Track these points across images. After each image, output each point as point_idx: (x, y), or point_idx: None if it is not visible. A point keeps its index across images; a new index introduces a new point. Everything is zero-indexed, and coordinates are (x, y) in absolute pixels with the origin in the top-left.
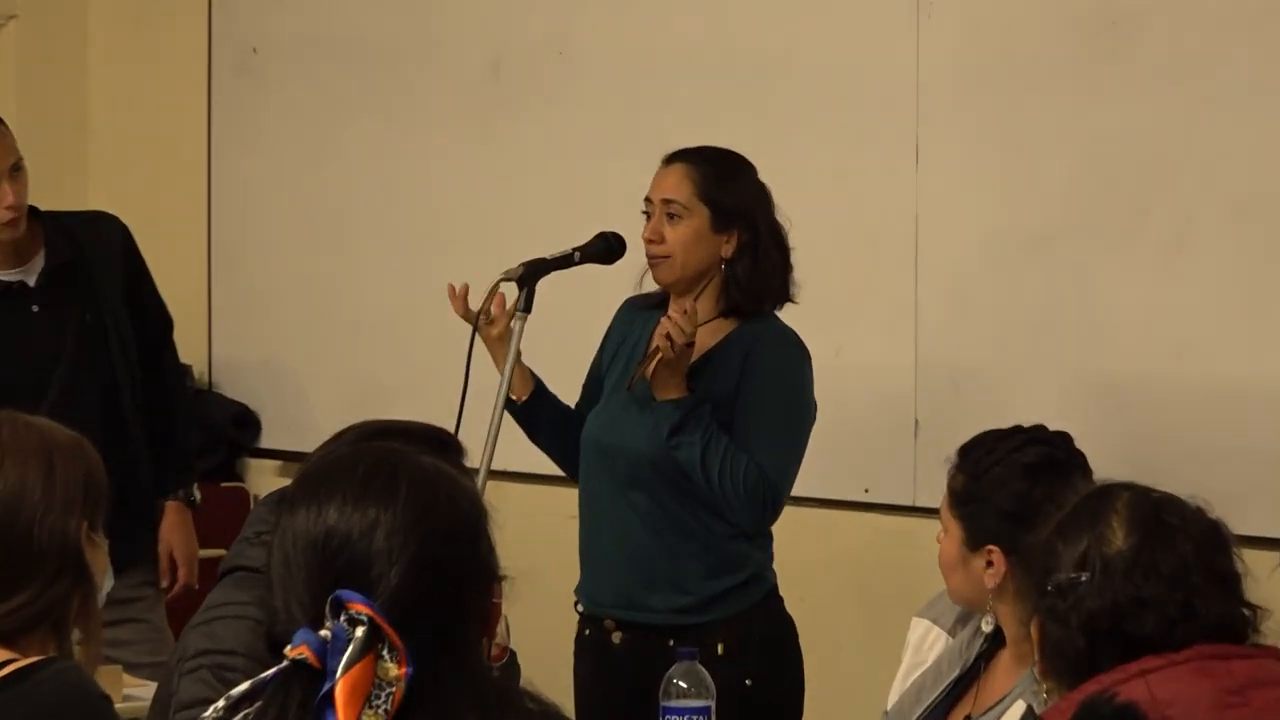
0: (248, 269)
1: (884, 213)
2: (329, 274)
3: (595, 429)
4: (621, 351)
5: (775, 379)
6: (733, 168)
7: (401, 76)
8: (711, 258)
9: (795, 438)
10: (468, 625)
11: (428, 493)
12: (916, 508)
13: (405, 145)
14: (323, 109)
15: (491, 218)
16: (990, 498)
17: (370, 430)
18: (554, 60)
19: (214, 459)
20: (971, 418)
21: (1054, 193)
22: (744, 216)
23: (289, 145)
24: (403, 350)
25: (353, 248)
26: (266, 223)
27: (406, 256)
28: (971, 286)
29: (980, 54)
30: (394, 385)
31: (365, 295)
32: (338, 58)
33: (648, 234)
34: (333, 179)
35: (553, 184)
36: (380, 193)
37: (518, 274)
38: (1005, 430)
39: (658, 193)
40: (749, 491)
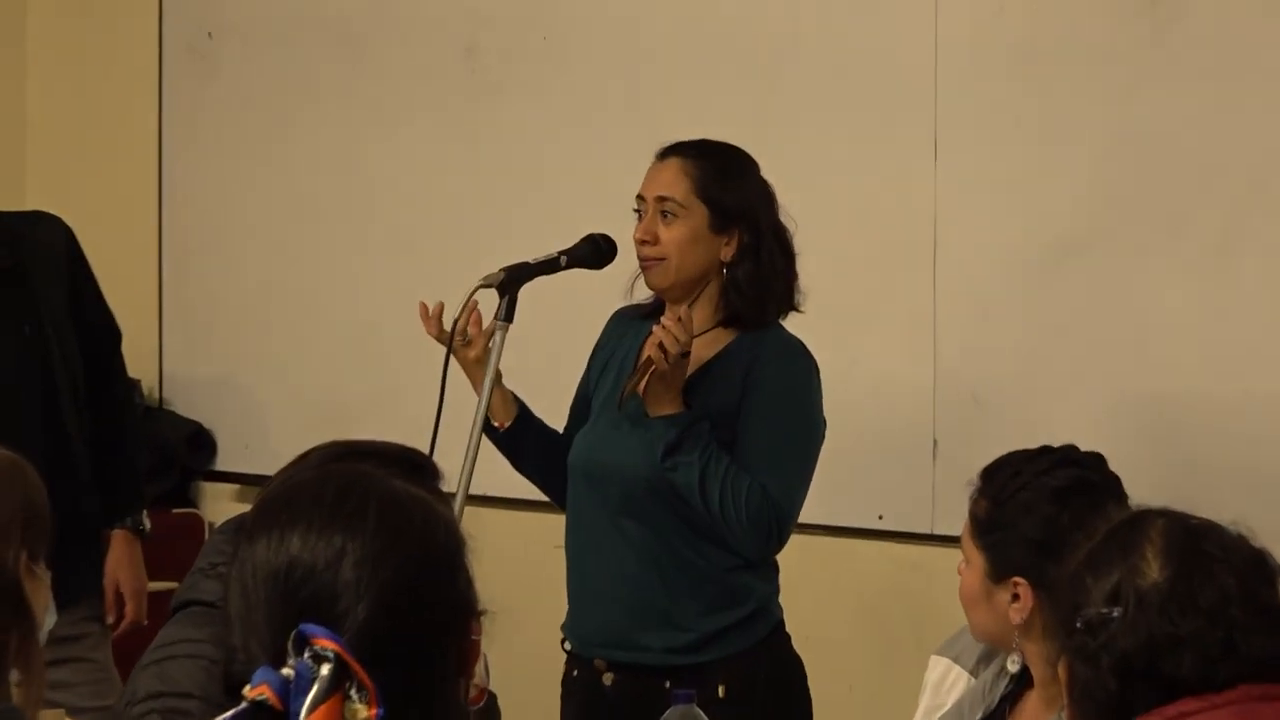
0: (203, 275)
1: (899, 213)
2: (292, 280)
3: (583, 450)
4: (611, 366)
5: (781, 393)
6: (733, 163)
7: (369, 63)
8: (709, 261)
9: (803, 458)
10: (444, 664)
11: (400, 519)
12: (935, 536)
13: (374, 139)
14: (284, 99)
15: (468, 219)
16: (1016, 525)
17: (337, 451)
18: (535, 45)
19: (165, 483)
20: (995, 437)
21: (1086, 192)
22: (745, 216)
23: (247, 139)
24: (373, 364)
25: (318, 252)
26: (223, 224)
27: (376, 261)
28: (995, 294)
29: (1005, 39)
30: (363, 402)
31: (331, 304)
32: (300, 43)
33: (640, 234)
34: (296, 176)
35: (535, 181)
36: (347, 191)
37: (498, 280)
38: (1032, 451)
39: (651, 189)
40: (752, 517)
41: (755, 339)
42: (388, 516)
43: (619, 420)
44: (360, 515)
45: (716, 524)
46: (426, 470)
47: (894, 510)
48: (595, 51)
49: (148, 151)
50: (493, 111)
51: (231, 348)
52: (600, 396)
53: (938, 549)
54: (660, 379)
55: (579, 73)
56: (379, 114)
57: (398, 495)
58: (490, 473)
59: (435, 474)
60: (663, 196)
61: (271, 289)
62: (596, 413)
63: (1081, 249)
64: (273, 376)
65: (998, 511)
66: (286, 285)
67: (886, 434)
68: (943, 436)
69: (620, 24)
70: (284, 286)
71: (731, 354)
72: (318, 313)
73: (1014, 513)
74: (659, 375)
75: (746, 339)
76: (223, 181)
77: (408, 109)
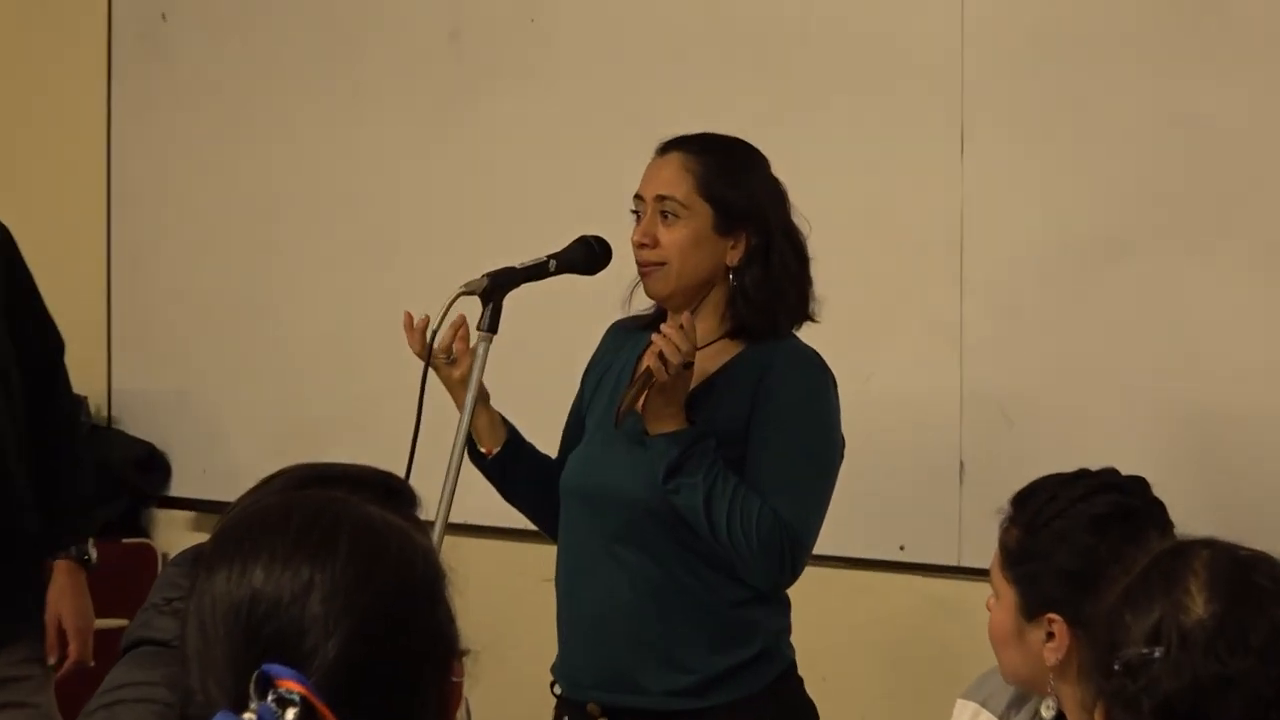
0: (155, 280)
1: (922, 212)
2: (256, 287)
3: (576, 471)
4: (606, 381)
5: (795, 408)
6: (740, 159)
7: (341, 48)
8: (714, 265)
9: (819, 480)
10: (421, 708)
11: (374, 549)
12: (962, 568)
13: (346, 132)
14: (247, 88)
15: (450, 219)
16: (1051, 556)
17: (305, 475)
18: (524, 29)
19: (114, 509)
20: (1028, 459)
21: (1128, 188)
22: (753, 217)
23: (206, 132)
24: (344, 379)
25: (284, 255)
26: (179, 225)
27: (349, 266)
28: (1028, 300)
29: (1038, 21)
30: (333, 422)
31: (299, 313)
32: (264, 26)
33: (638, 236)
34: (260, 173)
35: (523, 178)
36: (317, 189)
37: (480, 287)
38: (1069, 475)
39: (651, 188)
40: (763, 544)
41: (765, 350)
42: (360, 546)
43: (615, 438)
44: (330, 544)
45: (724, 551)
46: (403, 496)
47: (916, 540)
48: (589, 36)
49: (95, 145)
50: (477, 101)
51: (188, 361)
52: (595, 413)
53: (964, 583)
54: (661, 392)
55: (571, 59)
56: (352, 104)
57: (371, 523)
58: (473, 499)
59: (412, 500)
60: (663, 195)
61: (233, 296)
62: (591, 431)
63: (1123, 250)
64: (233, 393)
65: (1031, 541)
66: (249, 292)
67: (908, 455)
68: (970, 458)
69: (616, 5)
70: (247, 293)
71: (739, 366)
72: (284, 322)
73: (1048, 543)
74: (659, 388)
75: (756, 350)
76: (178, 178)
77: (384, 98)
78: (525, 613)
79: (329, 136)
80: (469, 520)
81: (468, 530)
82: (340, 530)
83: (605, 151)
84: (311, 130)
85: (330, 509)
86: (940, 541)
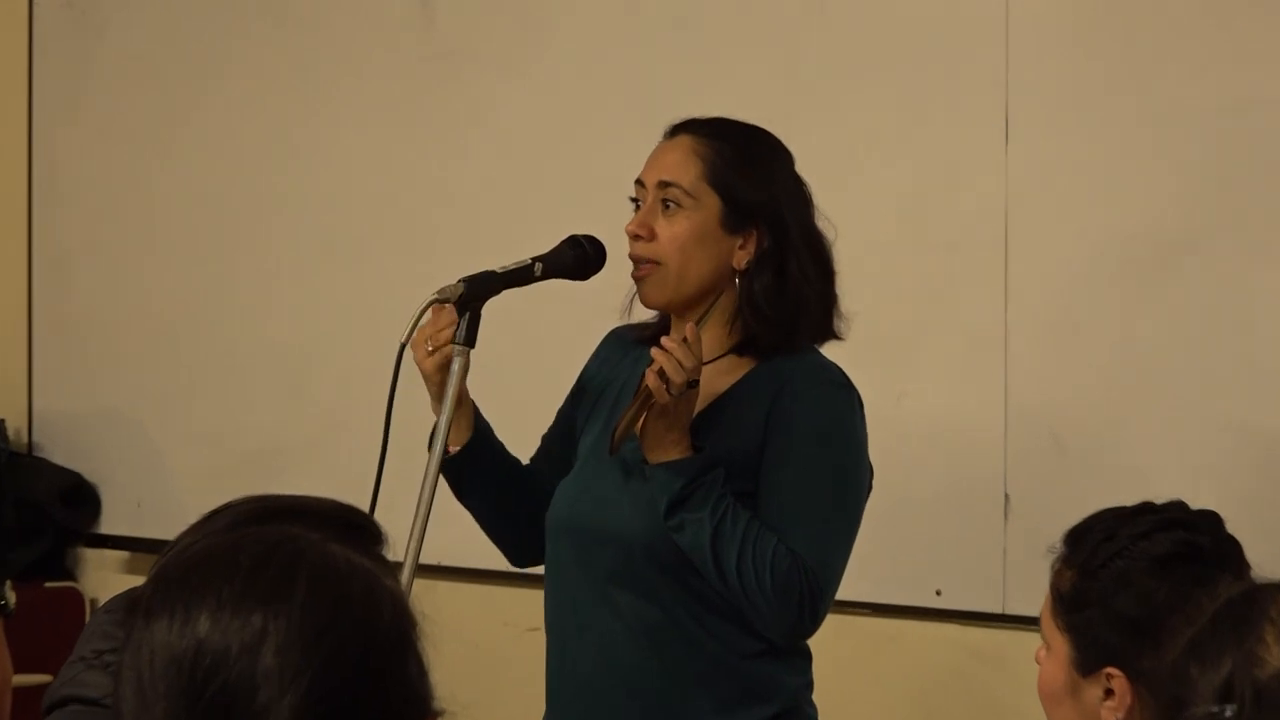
0: (83, 288)
1: (961, 209)
2: (196, 295)
3: (565, 505)
4: (604, 402)
5: (815, 433)
6: (759, 149)
7: (294, 23)
8: (718, 267)
9: (843, 515)
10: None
11: (335, 594)
12: (1006, 616)
13: (301, 116)
14: (186, 69)
15: (419, 216)
16: (1110, 602)
17: (255, 509)
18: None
19: (36, 549)
20: (1083, 490)
21: (1194, 182)
22: (767, 213)
23: (139, 120)
24: (298, 399)
25: (229, 259)
26: (109, 225)
27: (303, 270)
28: (1082, 309)
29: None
30: (286, 447)
31: (246, 324)
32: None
33: (632, 226)
34: (201, 166)
35: (505, 168)
36: (267, 183)
37: (456, 294)
38: (1130, 509)
39: (653, 173)
40: (780, 589)
41: (780, 367)
42: (320, 590)
43: (610, 468)
44: (285, 588)
45: (734, 597)
46: (367, 532)
47: (955, 584)
48: (582, 5)
49: (14, 135)
50: (452, 80)
51: (119, 379)
52: (590, 438)
53: (1010, 632)
54: (662, 415)
55: (559, 35)
56: (309, 84)
57: (332, 563)
58: (448, 537)
59: (378, 537)
60: (666, 182)
61: (171, 306)
62: (583, 458)
63: (1187, 252)
64: (172, 415)
65: (1087, 585)
66: (190, 301)
67: (945, 486)
68: (1016, 490)
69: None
70: (187, 303)
71: (751, 385)
72: (230, 336)
73: (1107, 587)
74: (660, 411)
75: (769, 368)
76: (108, 171)
77: (345, 77)
78: (509, 667)
79: (281, 122)
80: (444, 561)
81: (443, 572)
82: (297, 572)
83: (599, 138)
84: (261, 115)
85: (285, 547)
86: (982, 585)
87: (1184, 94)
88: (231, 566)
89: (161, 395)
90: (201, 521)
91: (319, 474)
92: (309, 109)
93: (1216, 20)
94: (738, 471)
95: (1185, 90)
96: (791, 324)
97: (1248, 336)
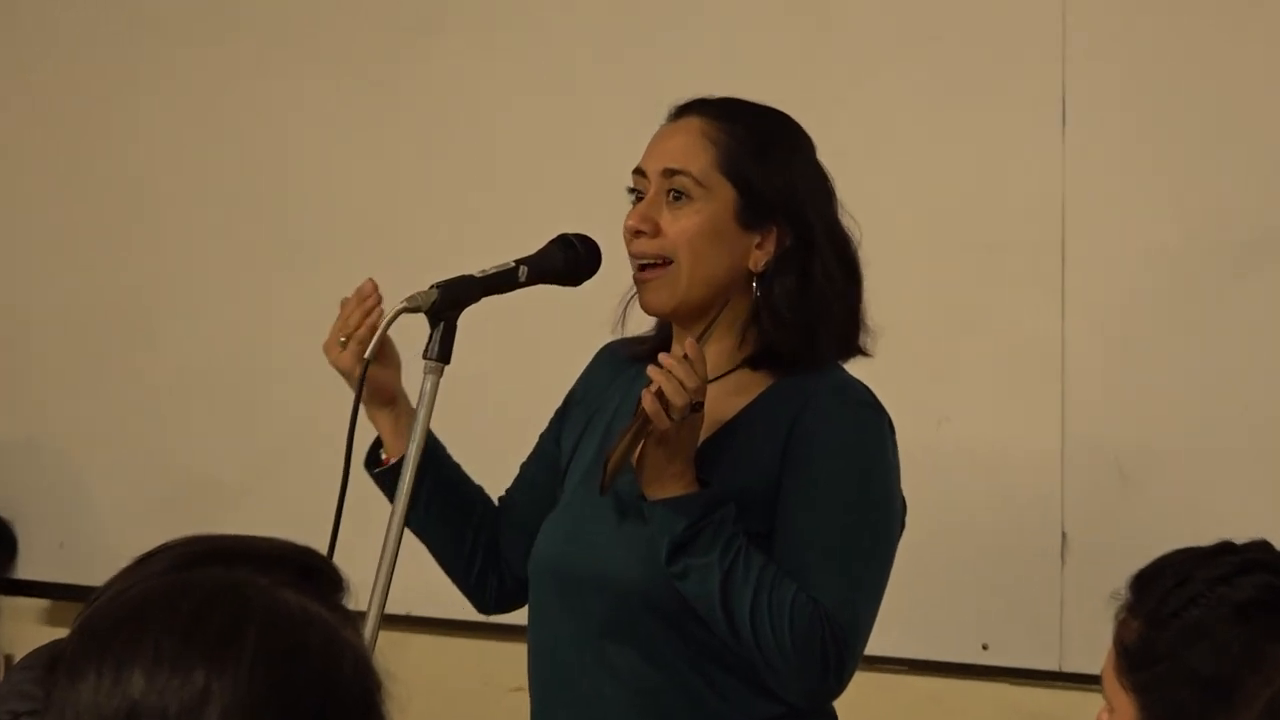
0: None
1: (1010, 206)
2: (124, 304)
3: (550, 549)
4: (594, 428)
5: (840, 464)
6: (779, 134)
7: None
8: (732, 267)
9: (873, 558)
10: None
11: (289, 647)
12: (1063, 674)
13: (242, 92)
14: (106, 43)
15: (384, 210)
16: (1183, 657)
17: (195, 552)
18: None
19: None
20: (1150, 529)
21: (1276, 179)
22: (790, 209)
23: (53, 99)
24: (243, 425)
25: (162, 265)
26: (21, 223)
27: (247, 274)
28: (1149, 320)
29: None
30: (229, 480)
31: (182, 338)
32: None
33: (633, 220)
34: (126, 154)
35: (483, 156)
36: (203, 174)
37: (428, 302)
38: (1206, 549)
39: (657, 160)
40: (800, 644)
41: (801, 385)
42: (271, 643)
43: (603, 504)
44: (232, 641)
45: (747, 653)
46: (325, 578)
47: (1004, 637)
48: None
49: None
50: (421, 50)
51: (37, 403)
52: (578, 470)
53: (1067, 692)
54: (661, 445)
55: (548, 3)
56: (250, 63)
57: (286, 613)
58: (418, 583)
59: (337, 584)
60: (673, 170)
61: (96, 317)
62: (570, 493)
63: (1270, 257)
64: (98, 444)
65: (1156, 636)
66: (117, 312)
67: (992, 525)
68: (1075, 528)
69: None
70: (114, 314)
71: (766, 407)
72: (163, 351)
73: (1179, 639)
74: (659, 439)
75: (788, 385)
76: (20, 163)
77: (293, 45)
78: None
79: (219, 105)
80: (414, 610)
81: (413, 623)
82: (246, 622)
83: (594, 122)
84: (194, 92)
85: (232, 594)
86: (1035, 639)
87: (1271, 81)
88: (170, 616)
89: (85, 421)
90: (134, 565)
91: (268, 511)
92: (251, 84)
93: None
94: (750, 508)
95: (1272, 77)
96: (815, 334)
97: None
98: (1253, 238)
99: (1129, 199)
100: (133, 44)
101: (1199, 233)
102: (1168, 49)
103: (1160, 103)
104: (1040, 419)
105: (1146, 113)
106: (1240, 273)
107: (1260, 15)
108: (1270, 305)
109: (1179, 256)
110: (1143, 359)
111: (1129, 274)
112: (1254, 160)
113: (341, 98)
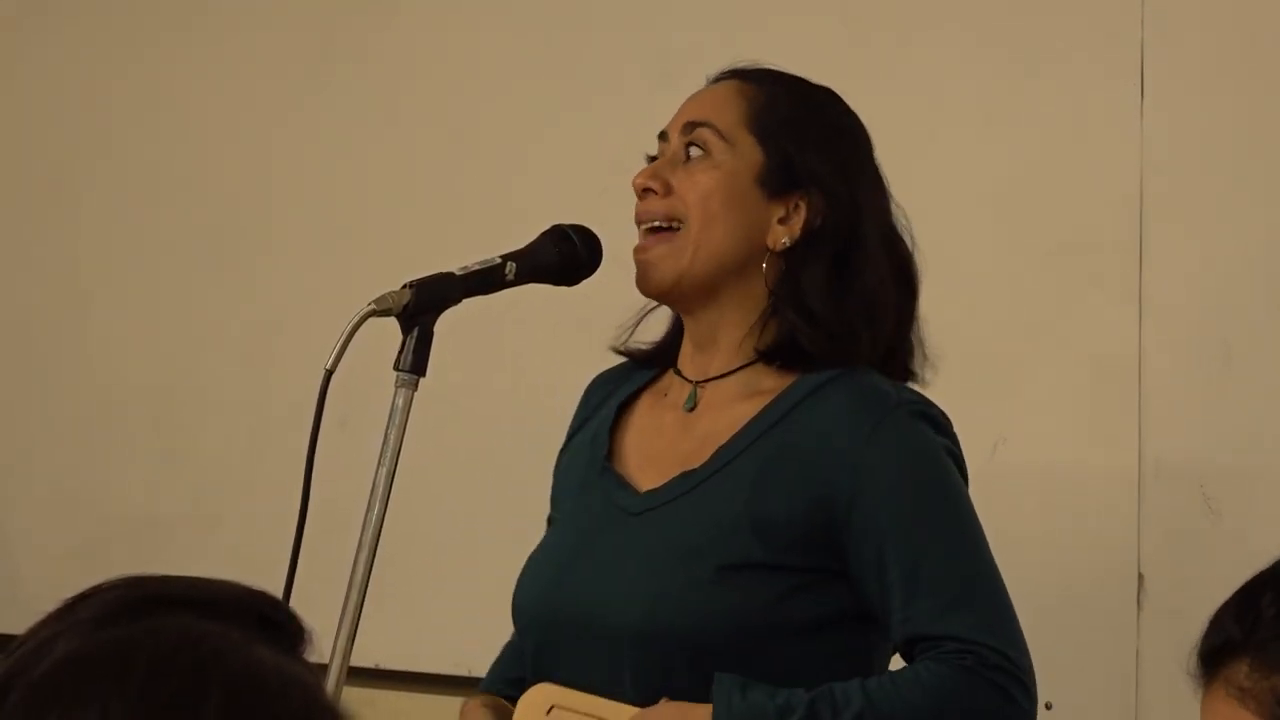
0: None
1: (1080, 198)
2: (44, 307)
3: (536, 589)
4: (579, 451)
5: (916, 476)
6: (830, 111)
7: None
8: (749, 237)
9: (989, 567)
10: None
11: (250, 706)
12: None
13: (188, 61)
14: (48, 34)
15: (350, 199)
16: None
17: (132, 597)
18: None
19: None
20: (1239, 568)
21: None
22: (826, 181)
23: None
24: (183, 450)
25: (84, 275)
26: None
27: (184, 286)
28: (1238, 329)
29: None
30: (164, 515)
31: (113, 348)
32: None
33: (642, 179)
34: (55, 133)
35: (465, 138)
36: (140, 157)
37: (401, 304)
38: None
39: (684, 115)
40: (949, 696)
41: (832, 381)
42: (238, 704)
43: (600, 531)
44: (194, 702)
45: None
46: (284, 629)
47: (1071, 696)
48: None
49: None
50: (390, 19)
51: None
52: (566, 497)
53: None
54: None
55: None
56: (195, 23)
57: (256, 670)
58: (389, 632)
59: (298, 633)
60: (695, 122)
61: (13, 324)
62: (561, 523)
63: None
64: (15, 476)
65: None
66: (37, 316)
67: (1058, 565)
68: (1153, 567)
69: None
70: (33, 318)
71: (792, 410)
72: (90, 363)
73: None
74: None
75: (813, 382)
76: None
77: (243, 15)
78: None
79: (168, 94)
80: (384, 663)
81: (382, 677)
82: (208, 681)
83: (594, 100)
84: (140, 86)
85: (194, 647)
86: (1107, 697)
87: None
88: (121, 672)
89: (14, 443)
90: (59, 612)
91: (211, 549)
92: (201, 55)
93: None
94: (779, 537)
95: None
96: (857, 340)
97: None
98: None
99: (1217, 192)
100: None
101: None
102: (1258, 23)
103: (1251, 84)
104: (1113, 441)
105: (1234, 95)
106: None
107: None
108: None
109: (1272, 257)
110: (1231, 373)
111: (1215, 276)
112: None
113: (299, 71)
